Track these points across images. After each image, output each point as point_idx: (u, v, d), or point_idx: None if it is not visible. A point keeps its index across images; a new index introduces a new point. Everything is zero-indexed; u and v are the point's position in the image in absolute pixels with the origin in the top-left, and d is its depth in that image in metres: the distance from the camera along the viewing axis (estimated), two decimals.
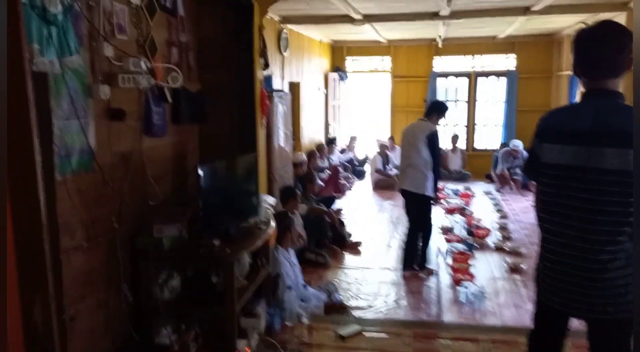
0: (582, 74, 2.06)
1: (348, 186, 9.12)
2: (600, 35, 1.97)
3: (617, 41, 1.95)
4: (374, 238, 6.23)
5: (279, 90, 6.13)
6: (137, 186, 3.12)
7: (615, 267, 1.92)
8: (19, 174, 1.61)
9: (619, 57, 1.97)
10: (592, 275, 1.96)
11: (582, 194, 1.95)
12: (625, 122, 1.86)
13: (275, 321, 3.59)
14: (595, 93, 2.02)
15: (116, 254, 2.88)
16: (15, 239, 1.57)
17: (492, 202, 8.04)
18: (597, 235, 1.94)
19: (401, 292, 4.58)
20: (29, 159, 1.65)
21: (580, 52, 2.03)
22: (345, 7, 6.19)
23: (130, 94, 3.02)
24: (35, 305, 1.62)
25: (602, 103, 1.98)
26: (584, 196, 1.95)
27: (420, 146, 4.76)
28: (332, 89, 10.68)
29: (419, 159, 4.75)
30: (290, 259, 4.18)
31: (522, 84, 10.27)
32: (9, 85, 1.53)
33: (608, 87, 2.01)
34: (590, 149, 1.93)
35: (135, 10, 3.06)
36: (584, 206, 1.95)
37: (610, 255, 1.92)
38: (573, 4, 6.35)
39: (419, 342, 3.54)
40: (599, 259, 1.94)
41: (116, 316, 2.93)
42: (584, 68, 2.04)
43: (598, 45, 1.97)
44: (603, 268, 1.93)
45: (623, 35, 1.94)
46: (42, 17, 2.25)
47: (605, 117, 1.94)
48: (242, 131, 4.02)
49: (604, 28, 1.99)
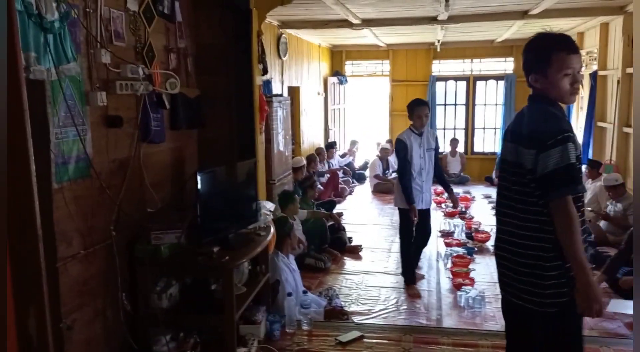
0: None
1: (348, 190, 9.11)
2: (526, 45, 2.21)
3: (524, 53, 2.20)
4: (374, 242, 6.21)
5: (278, 95, 6.12)
6: (135, 193, 3.10)
7: (532, 257, 2.10)
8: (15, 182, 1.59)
9: (524, 70, 2.22)
10: (513, 264, 2.18)
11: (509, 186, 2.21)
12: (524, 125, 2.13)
13: (275, 328, 3.57)
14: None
15: (114, 262, 2.86)
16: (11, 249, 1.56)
17: (492, 206, 8.02)
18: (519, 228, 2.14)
19: (401, 297, 4.56)
20: (25, 167, 1.64)
21: None
22: (344, 11, 6.20)
23: (127, 101, 3.00)
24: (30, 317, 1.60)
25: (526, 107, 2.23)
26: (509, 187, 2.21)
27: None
28: (332, 93, 10.68)
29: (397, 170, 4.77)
30: (290, 265, 4.16)
31: (520, 88, 10.27)
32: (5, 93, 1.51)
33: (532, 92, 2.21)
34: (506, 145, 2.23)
35: (132, 17, 3.06)
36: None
37: (529, 242, 2.10)
38: (570, 8, 6.36)
39: (419, 348, 3.52)
40: (519, 251, 2.14)
41: (114, 325, 2.90)
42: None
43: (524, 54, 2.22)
44: (522, 258, 2.13)
45: (527, 49, 2.19)
46: (38, 25, 2.23)
47: (521, 120, 2.19)
48: (241, 136, 4.01)
49: (527, 42, 2.22)
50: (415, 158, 4.53)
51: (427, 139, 4.61)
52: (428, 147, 4.61)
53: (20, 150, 1.61)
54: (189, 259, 3.11)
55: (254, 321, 3.48)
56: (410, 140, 4.52)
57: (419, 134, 4.56)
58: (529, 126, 2.09)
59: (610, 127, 6.91)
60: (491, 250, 5.80)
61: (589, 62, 7.90)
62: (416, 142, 4.54)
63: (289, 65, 7.98)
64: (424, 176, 4.60)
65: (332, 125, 10.77)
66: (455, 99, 10.92)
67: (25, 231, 1.62)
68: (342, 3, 5.75)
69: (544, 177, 1.99)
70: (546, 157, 1.98)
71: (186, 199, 3.63)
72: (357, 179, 10.11)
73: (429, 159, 4.62)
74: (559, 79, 2.07)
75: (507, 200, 2.20)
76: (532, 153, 2.03)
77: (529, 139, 2.05)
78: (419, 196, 4.58)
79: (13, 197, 1.57)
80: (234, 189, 3.65)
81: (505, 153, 2.23)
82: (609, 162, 6.66)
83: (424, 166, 4.59)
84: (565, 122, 2.07)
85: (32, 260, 1.63)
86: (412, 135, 4.56)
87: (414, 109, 4.55)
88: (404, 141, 4.52)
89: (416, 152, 4.54)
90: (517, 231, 2.15)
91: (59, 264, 2.43)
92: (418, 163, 4.56)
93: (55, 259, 2.40)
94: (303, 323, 3.70)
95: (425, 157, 4.59)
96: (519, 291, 2.17)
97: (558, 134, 1.98)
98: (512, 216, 2.17)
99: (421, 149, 4.57)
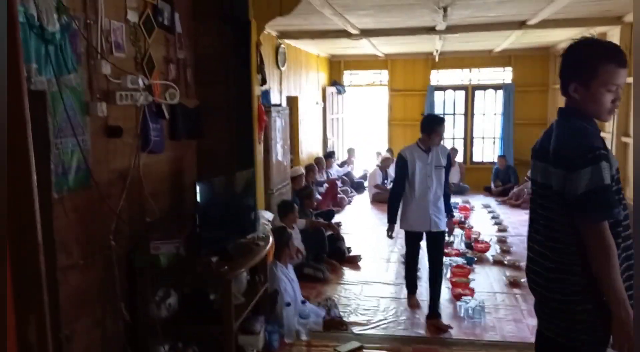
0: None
1: (347, 200, 9.11)
2: (563, 52, 1.97)
3: (565, 58, 1.95)
4: (374, 252, 6.20)
5: (277, 105, 6.15)
6: (134, 203, 3.11)
7: (563, 286, 1.90)
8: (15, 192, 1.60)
9: (561, 77, 1.99)
10: (543, 291, 2.00)
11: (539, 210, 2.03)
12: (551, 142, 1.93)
13: (274, 338, 3.56)
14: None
15: (113, 271, 2.86)
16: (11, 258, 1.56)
17: (491, 216, 8.03)
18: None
19: (400, 307, 4.55)
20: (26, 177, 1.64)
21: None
22: (342, 22, 6.24)
23: (127, 111, 3.02)
24: (30, 325, 1.60)
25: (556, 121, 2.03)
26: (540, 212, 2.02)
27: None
28: (330, 103, 10.72)
29: None
30: (288, 275, 4.15)
31: (519, 97, 10.33)
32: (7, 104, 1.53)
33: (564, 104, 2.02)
34: (535, 165, 2.04)
35: (133, 28, 3.08)
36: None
37: (559, 271, 1.91)
38: (568, 19, 6.41)
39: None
40: (548, 278, 1.96)
41: (113, 335, 2.90)
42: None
43: (564, 59, 1.97)
44: (552, 287, 1.94)
45: (571, 54, 1.93)
46: (40, 36, 2.26)
47: (549, 136, 1.99)
48: (240, 146, 4.03)
49: (570, 45, 1.95)
50: (419, 176, 4.16)
51: (436, 156, 4.20)
52: (437, 165, 4.19)
53: (21, 161, 1.62)
54: (188, 269, 3.11)
55: (253, 331, 3.47)
56: (413, 157, 4.18)
57: (426, 150, 4.19)
58: (557, 142, 1.89)
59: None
60: (491, 260, 5.80)
61: None
62: (421, 159, 4.17)
63: (287, 75, 8.02)
64: (431, 196, 4.17)
65: (330, 135, 10.80)
66: (454, 109, 10.96)
67: (25, 240, 1.63)
68: (340, 13, 5.80)
69: (574, 200, 1.79)
70: (576, 179, 1.78)
71: (185, 209, 3.64)
72: (356, 189, 10.12)
73: (436, 178, 4.19)
74: (602, 93, 1.86)
75: (536, 224, 2.03)
76: (561, 173, 1.84)
77: (557, 158, 1.86)
78: (420, 218, 4.21)
79: (14, 207, 1.58)
80: (232, 198, 3.65)
81: (534, 173, 2.04)
82: None
83: (430, 185, 4.17)
84: (598, 139, 1.86)
85: (33, 269, 1.63)
86: (417, 151, 4.21)
87: (435, 127, 4.14)
88: (404, 158, 4.21)
89: (420, 170, 4.16)
90: (546, 258, 1.96)
91: (58, 273, 2.43)
92: (423, 182, 4.16)
93: (55, 269, 2.40)
94: (302, 333, 3.69)
95: (432, 176, 4.17)
96: (548, 321, 1.99)
97: (589, 152, 1.77)
98: (542, 241, 1.98)
99: (428, 167, 4.16)
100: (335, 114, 11.10)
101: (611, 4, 5.56)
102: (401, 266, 5.64)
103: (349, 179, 10.12)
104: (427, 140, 4.17)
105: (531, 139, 2.31)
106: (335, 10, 5.57)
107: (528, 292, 4.69)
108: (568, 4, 5.18)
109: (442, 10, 5.49)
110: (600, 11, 6.01)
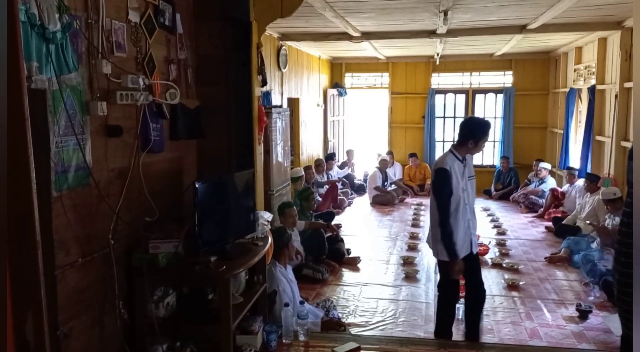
0: None
1: (347, 201, 9.12)
2: None
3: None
4: (373, 254, 6.21)
5: (278, 106, 6.16)
6: (134, 202, 3.12)
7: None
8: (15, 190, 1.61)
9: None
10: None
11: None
12: None
13: (272, 338, 3.56)
14: None
15: (111, 270, 2.87)
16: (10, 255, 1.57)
17: (490, 219, 8.03)
18: None
19: (399, 309, 4.55)
20: (25, 175, 1.65)
21: None
22: (344, 24, 6.26)
23: (128, 111, 3.03)
24: (27, 322, 1.61)
25: None
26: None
27: (431, 193, 3.70)
28: (331, 105, 10.74)
29: (432, 210, 3.66)
30: (287, 276, 4.16)
31: (519, 101, 10.35)
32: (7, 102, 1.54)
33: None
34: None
35: (134, 28, 3.10)
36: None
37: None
38: (568, 23, 6.43)
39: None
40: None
41: (111, 334, 2.90)
42: None
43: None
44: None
45: None
46: (41, 35, 2.27)
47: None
48: (240, 147, 4.03)
49: None
50: (457, 191, 3.53)
51: (469, 165, 3.67)
52: (470, 175, 3.67)
53: (21, 159, 1.63)
54: (186, 268, 3.12)
55: (251, 331, 3.47)
56: (455, 169, 3.54)
57: (462, 160, 3.59)
58: None
59: (608, 141, 6.95)
60: (489, 262, 5.80)
61: (587, 77, 7.96)
62: (459, 170, 3.56)
63: (288, 76, 8.04)
64: (469, 213, 3.63)
65: (331, 137, 10.82)
66: (455, 112, 10.98)
67: (24, 238, 1.64)
68: (342, 16, 5.82)
69: None
70: None
71: (184, 209, 3.65)
72: (356, 191, 10.13)
73: (472, 190, 3.68)
74: None
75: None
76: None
77: None
78: (468, 240, 3.62)
79: (13, 205, 1.59)
80: (232, 199, 3.66)
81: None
82: (607, 175, 6.68)
83: (467, 200, 3.60)
84: None
85: (31, 267, 1.64)
86: (456, 161, 3.57)
87: (485, 132, 3.59)
88: (448, 170, 3.49)
89: (458, 183, 3.53)
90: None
91: (57, 271, 2.44)
92: (461, 197, 3.55)
93: (54, 267, 2.41)
94: (300, 334, 3.69)
95: (468, 189, 3.61)
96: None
97: None
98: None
99: (463, 180, 3.58)
100: (336, 116, 11.12)
101: (611, 9, 5.58)
102: (400, 268, 5.65)
103: (349, 181, 10.13)
104: (471, 148, 3.58)
105: (531, 142, 2.28)
106: (336, 13, 5.58)
107: (526, 295, 4.74)
108: (568, 8, 5.20)
109: (443, 13, 5.51)
110: (601, 16, 6.02)
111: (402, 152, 10.93)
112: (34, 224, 1.66)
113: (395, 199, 9.34)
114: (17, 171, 1.62)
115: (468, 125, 3.64)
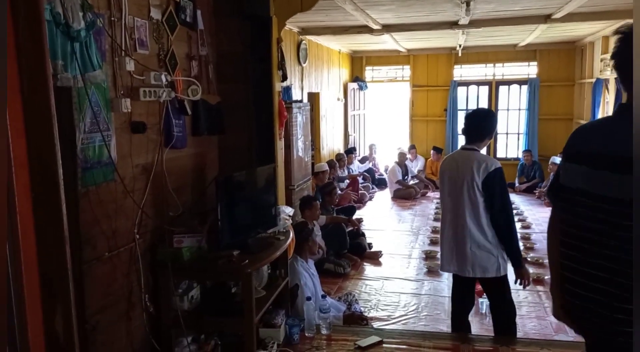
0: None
1: (368, 195, 9.10)
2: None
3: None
4: (394, 248, 6.19)
5: (298, 101, 6.17)
6: (158, 197, 3.16)
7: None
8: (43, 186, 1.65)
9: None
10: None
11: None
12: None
13: (294, 332, 3.58)
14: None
15: (137, 264, 2.92)
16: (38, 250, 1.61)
17: (515, 212, 7.92)
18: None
19: (421, 303, 4.53)
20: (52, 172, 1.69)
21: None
22: (364, 17, 6.23)
23: (151, 107, 3.07)
24: (57, 315, 1.65)
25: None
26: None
27: (477, 197, 3.27)
28: (352, 99, 10.71)
29: (470, 220, 3.30)
30: (309, 270, 4.18)
31: (544, 92, 10.17)
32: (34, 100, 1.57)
33: None
34: (593, 172, 1.68)
35: (156, 25, 3.13)
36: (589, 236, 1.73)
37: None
38: (594, 12, 6.28)
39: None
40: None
41: (137, 326, 2.96)
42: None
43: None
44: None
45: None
46: (65, 34, 2.31)
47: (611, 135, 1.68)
48: (260, 142, 4.05)
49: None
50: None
51: None
52: None
53: (48, 155, 1.66)
54: (210, 263, 3.15)
55: (274, 324, 3.50)
56: None
57: None
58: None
59: None
60: None
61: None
62: None
63: (309, 71, 8.03)
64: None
65: (352, 131, 10.79)
66: (477, 104, 10.83)
67: (52, 233, 1.67)
68: (362, 9, 5.78)
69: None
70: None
71: (207, 204, 3.68)
72: (377, 185, 10.10)
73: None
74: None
75: (599, 247, 1.67)
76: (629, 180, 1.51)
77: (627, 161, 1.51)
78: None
79: (41, 201, 1.63)
80: (253, 194, 3.69)
81: (588, 183, 1.68)
82: None
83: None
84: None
85: (59, 261, 1.68)
86: None
87: (495, 125, 3.44)
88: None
89: None
90: (619, 300, 1.61)
91: (84, 265, 2.49)
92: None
93: (81, 261, 2.46)
94: (322, 327, 3.70)
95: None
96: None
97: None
98: (612, 269, 1.63)
99: None
100: (356, 110, 11.08)
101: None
102: (422, 262, 5.63)
103: (370, 175, 10.10)
104: (485, 144, 3.42)
105: (556, 134, 2.22)
106: (356, 6, 5.55)
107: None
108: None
109: (465, 4, 5.43)
110: (628, 3, 5.86)
111: (423, 146, 10.85)
112: (62, 219, 1.70)
113: (417, 193, 9.28)
114: (44, 168, 1.65)
115: (486, 119, 3.41)
